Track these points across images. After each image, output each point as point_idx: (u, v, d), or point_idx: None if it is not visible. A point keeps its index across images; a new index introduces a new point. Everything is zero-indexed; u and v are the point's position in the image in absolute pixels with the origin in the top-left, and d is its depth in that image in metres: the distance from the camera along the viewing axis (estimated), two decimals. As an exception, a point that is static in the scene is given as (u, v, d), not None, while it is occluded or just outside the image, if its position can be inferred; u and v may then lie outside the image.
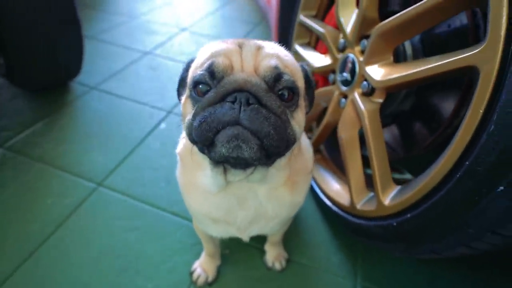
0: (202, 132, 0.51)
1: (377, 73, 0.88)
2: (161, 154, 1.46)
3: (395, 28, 0.82)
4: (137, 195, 1.26)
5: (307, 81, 0.65)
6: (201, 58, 0.58)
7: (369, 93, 0.93)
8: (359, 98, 0.95)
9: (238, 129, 0.49)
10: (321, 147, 1.34)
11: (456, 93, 0.90)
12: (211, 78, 0.54)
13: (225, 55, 0.54)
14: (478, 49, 0.59)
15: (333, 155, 1.31)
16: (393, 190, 0.85)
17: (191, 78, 0.57)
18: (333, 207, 1.11)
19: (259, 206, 0.71)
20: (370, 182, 0.92)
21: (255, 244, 1.13)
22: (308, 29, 1.30)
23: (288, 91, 0.55)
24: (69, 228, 1.13)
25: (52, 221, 1.14)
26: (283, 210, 0.74)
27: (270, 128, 0.49)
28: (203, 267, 1.01)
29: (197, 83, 0.55)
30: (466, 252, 0.69)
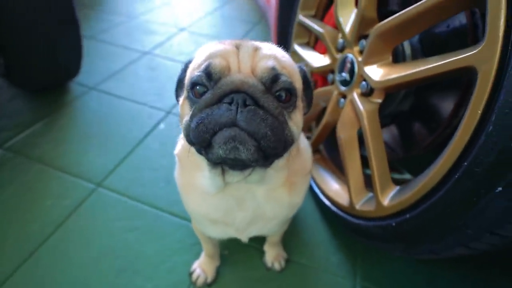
0: (199, 134, 0.51)
1: (376, 73, 0.88)
2: (160, 154, 1.46)
3: (394, 28, 0.81)
4: (137, 196, 1.26)
5: (305, 82, 0.65)
6: (199, 59, 0.58)
7: (368, 93, 0.92)
8: (358, 98, 0.95)
9: (235, 131, 0.49)
10: (321, 147, 1.34)
11: (455, 93, 0.90)
12: (208, 80, 0.54)
13: (222, 56, 0.54)
14: (476, 50, 0.59)
15: (333, 155, 1.31)
16: (392, 191, 0.85)
17: (189, 80, 0.57)
18: (332, 207, 1.11)
19: (258, 207, 0.71)
20: (369, 182, 0.92)
21: (254, 245, 1.13)
22: (307, 29, 1.30)
23: (286, 92, 0.54)
24: (69, 229, 1.13)
25: (52, 222, 1.14)
26: (282, 211, 0.74)
27: (267, 129, 0.49)
28: (202, 268, 1.02)
29: (194, 85, 0.55)
30: (465, 253, 0.69)
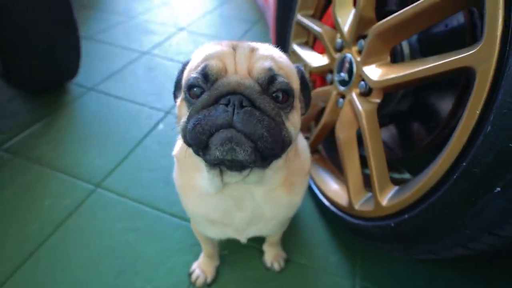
0: (196, 135, 0.51)
1: (375, 73, 0.88)
2: (160, 155, 1.46)
3: (392, 28, 0.81)
4: (136, 196, 1.26)
5: (303, 83, 0.65)
6: (195, 61, 0.58)
7: (367, 93, 0.92)
8: (357, 98, 0.95)
9: (232, 132, 0.49)
10: (320, 147, 1.34)
11: (454, 93, 0.90)
12: (205, 81, 0.54)
13: (219, 58, 0.54)
14: (475, 50, 0.59)
15: (332, 155, 1.31)
16: (391, 191, 0.85)
17: (186, 81, 0.57)
18: (332, 207, 1.11)
19: (257, 208, 0.71)
20: (368, 182, 0.92)
21: (254, 245, 1.13)
22: (306, 29, 1.30)
23: (283, 93, 0.54)
24: (68, 229, 1.13)
25: (51, 223, 1.14)
26: (281, 211, 0.74)
27: (264, 130, 0.49)
28: (202, 268, 1.02)
29: (191, 86, 0.55)
30: (464, 253, 0.69)
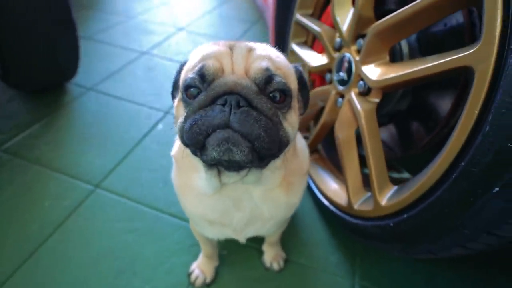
0: (193, 135, 0.51)
1: (373, 73, 0.88)
2: (159, 155, 1.46)
3: (391, 27, 0.81)
4: (135, 197, 1.26)
5: (301, 82, 0.64)
6: (192, 61, 0.57)
7: (366, 93, 0.92)
8: (356, 98, 0.95)
9: (228, 132, 0.49)
10: (319, 147, 1.34)
11: (453, 92, 0.89)
12: (202, 81, 0.53)
13: (216, 58, 0.54)
14: (473, 49, 0.59)
15: (331, 155, 1.31)
16: (390, 190, 0.85)
17: (183, 81, 0.57)
18: (331, 207, 1.11)
19: (255, 208, 0.71)
20: (368, 182, 0.91)
21: (253, 245, 1.13)
22: (305, 28, 1.29)
23: (280, 93, 0.54)
24: (68, 230, 1.13)
25: (51, 223, 1.14)
26: (279, 211, 0.74)
27: (261, 130, 0.49)
28: (201, 268, 1.02)
29: (188, 87, 0.55)
30: (462, 253, 0.69)
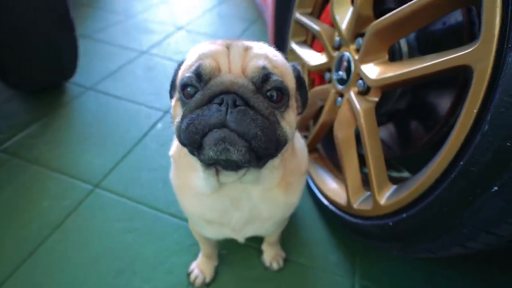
0: (190, 135, 0.50)
1: (372, 72, 0.87)
2: (159, 155, 1.46)
3: (390, 26, 0.81)
4: (135, 196, 1.26)
5: (299, 81, 0.64)
6: (189, 61, 0.57)
7: (365, 92, 0.92)
8: (355, 97, 0.94)
9: (225, 132, 0.48)
10: (318, 146, 1.34)
11: (452, 91, 0.89)
12: (198, 81, 0.53)
13: (212, 57, 0.54)
14: (472, 48, 0.59)
15: (330, 154, 1.31)
16: (389, 190, 0.85)
17: (180, 81, 0.57)
18: (330, 206, 1.11)
19: (254, 207, 0.71)
20: (367, 181, 0.91)
21: (253, 244, 1.13)
22: (304, 27, 1.29)
23: (277, 92, 0.54)
24: (67, 230, 1.13)
25: (50, 223, 1.14)
26: (278, 211, 0.74)
27: (258, 130, 0.49)
28: (201, 268, 1.02)
29: (185, 86, 0.54)
30: (462, 252, 0.69)
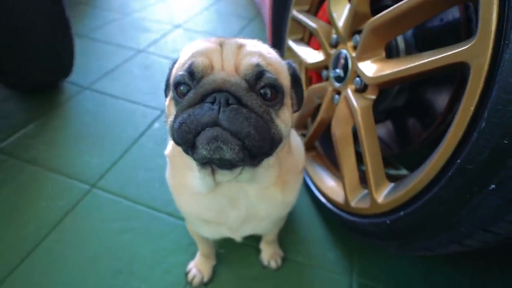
0: (182, 134, 0.50)
1: (369, 69, 0.87)
2: (155, 154, 1.45)
3: (387, 23, 0.80)
4: (132, 196, 1.26)
5: (295, 79, 0.63)
6: (183, 59, 0.56)
7: (362, 90, 0.91)
8: (352, 95, 0.94)
9: (217, 131, 0.48)
10: (316, 144, 1.34)
11: (450, 88, 0.89)
12: (191, 79, 0.52)
13: (205, 55, 0.53)
14: (469, 45, 0.58)
15: (328, 152, 1.30)
16: (387, 188, 0.85)
17: (173, 79, 0.56)
18: (328, 204, 1.10)
19: (250, 206, 0.70)
20: (365, 179, 0.91)
21: (250, 243, 1.12)
22: (301, 25, 1.28)
23: (271, 90, 0.53)
24: (64, 230, 1.13)
25: (47, 223, 1.14)
26: (275, 210, 0.74)
27: (251, 128, 0.48)
28: (198, 267, 1.01)
29: (178, 84, 0.54)
30: (459, 250, 0.69)
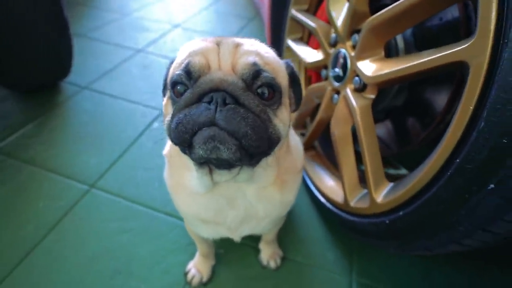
0: (179, 134, 0.50)
1: (369, 69, 0.87)
2: (154, 154, 1.45)
3: (386, 22, 0.80)
4: (131, 196, 1.25)
5: (292, 78, 0.63)
6: (180, 58, 0.56)
7: (361, 89, 0.91)
8: (351, 94, 0.94)
9: (214, 130, 0.47)
10: (315, 143, 1.33)
11: (449, 88, 0.89)
12: (188, 78, 0.52)
13: (202, 54, 0.53)
14: (468, 44, 0.58)
15: (328, 152, 1.30)
16: (386, 187, 0.85)
17: (170, 79, 0.56)
18: (328, 204, 1.10)
19: (249, 206, 0.70)
20: (364, 179, 0.91)
21: (250, 243, 1.12)
22: (300, 24, 1.28)
23: (268, 89, 0.53)
24: (63, 231, 1.12)
25: (45, 224, 1.13)
26: (273, 210, 0.74)
27: (248, 128, 0.48)
28: (198, 267, 1.01)
29: (175, 84, 0.53)
30: (458, 249, 0.69)
